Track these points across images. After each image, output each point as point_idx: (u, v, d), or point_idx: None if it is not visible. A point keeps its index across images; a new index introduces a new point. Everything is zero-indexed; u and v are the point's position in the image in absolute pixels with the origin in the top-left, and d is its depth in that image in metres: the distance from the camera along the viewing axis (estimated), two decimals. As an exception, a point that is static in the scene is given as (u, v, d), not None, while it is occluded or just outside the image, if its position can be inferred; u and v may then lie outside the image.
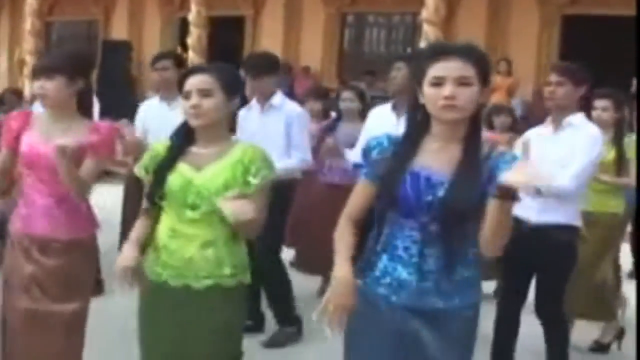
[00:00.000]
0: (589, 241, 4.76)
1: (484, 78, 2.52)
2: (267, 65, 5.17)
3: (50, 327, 3.47)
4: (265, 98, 5.13)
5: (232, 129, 3.16)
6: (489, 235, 2.43)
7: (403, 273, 2.56)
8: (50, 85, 3.38)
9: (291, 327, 5.24)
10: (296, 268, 6.33)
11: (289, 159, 5.00)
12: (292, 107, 5.24)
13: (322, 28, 15.78)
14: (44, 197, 3.47)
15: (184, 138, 3.00)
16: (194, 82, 2.93)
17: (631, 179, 5.12)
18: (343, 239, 2.64)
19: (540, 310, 4.28)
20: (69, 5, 19.25)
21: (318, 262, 5.81)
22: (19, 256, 3.50)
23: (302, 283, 5.96)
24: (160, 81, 5.56)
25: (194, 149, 2.99)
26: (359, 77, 14.00)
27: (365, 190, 2.66)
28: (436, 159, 2.54)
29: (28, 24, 16.74)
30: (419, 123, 2.60)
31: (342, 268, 2.56)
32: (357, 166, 2.81)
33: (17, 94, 9.30)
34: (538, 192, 3.87)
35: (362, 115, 5.91)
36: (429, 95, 2.50)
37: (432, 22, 11.88)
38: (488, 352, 4.33)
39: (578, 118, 4.23)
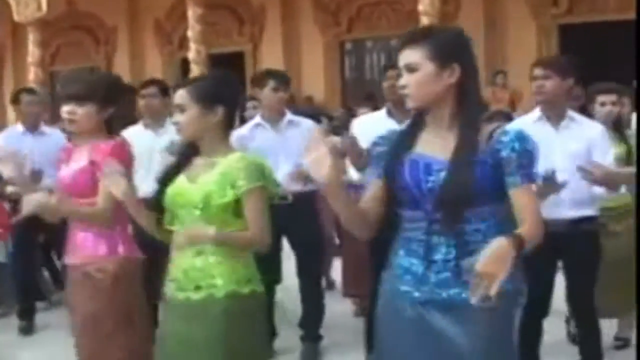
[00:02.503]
0: (622, 234, 4.82)
1: (442, 56, 2.44)
2: (286, 81, 5.25)
3: None
4: (279, 114, 5.17)
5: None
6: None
7: (420, 267, 2.48)
8: (81, 111, 3.35)
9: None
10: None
11: None
12: (309, 122, 5.34)
13: (321, 57, 15.86)
14: (71, 224, 3.46)
15: (188, 150, 3.06)
16: (174, 98, 3.01)
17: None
18: None
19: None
20: (71, 53, 19.45)
21: (351, 284, 5.87)
22: None
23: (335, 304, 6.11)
24: (146, 108, 5.52)
25: (195, 160, 3.05)
26: (361, 103, 14.03)
27: (373, 188, 2.59)
28: (434, 147, 2.49)
29: (32, 74, 16.88)
30: (417, 115, 2.57)
31: None
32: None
33: None
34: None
35: None
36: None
37: (429, 41, 11.91)
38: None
39: (575, 113, 4.28)
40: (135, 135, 5.27)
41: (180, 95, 2.97)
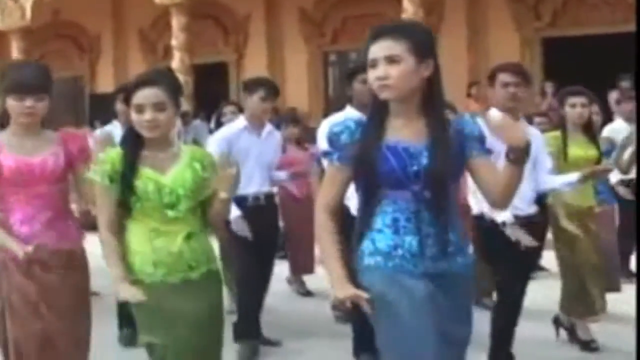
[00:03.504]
0: (591, 231, 5.07)
1: (421, 51, 2.59)
2: (275, 92, 5.34)
3: (62, 346, 3.46)
4: (262, 123, 5.33)
5: None
6: (503, 192, 2.63)
7: (413, 242, 2.62)
8: (41, 105, 3.45)
9: None
10: (292, 273, 6.98)
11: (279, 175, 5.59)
12: (278, 134, 5.71)
13: (305, 68, 15.91)
14: (43, 212, 3.46)
15: (135, 143, 3.11)
16: (147, 96, 3.03)
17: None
18: (328, 236, 2.69)
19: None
20: (54, 60, 19.34)
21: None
22: (19, 277, 3.44)
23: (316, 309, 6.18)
24: (124, 113, 5.28)
25: (147, 153, 3.10)
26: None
27: (341, 175, 2.70)
28: (405, 133, 2.64)
29: (14, 82, 16.77)
30: (380, 104, 2.67)
31: (335, 269, 2.62)
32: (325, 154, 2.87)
33: None
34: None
35: None
36: (369, 77, 2.64)
37: (413, 52, 11.94)
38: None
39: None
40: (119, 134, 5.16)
41: (157, 95, 3.03)
